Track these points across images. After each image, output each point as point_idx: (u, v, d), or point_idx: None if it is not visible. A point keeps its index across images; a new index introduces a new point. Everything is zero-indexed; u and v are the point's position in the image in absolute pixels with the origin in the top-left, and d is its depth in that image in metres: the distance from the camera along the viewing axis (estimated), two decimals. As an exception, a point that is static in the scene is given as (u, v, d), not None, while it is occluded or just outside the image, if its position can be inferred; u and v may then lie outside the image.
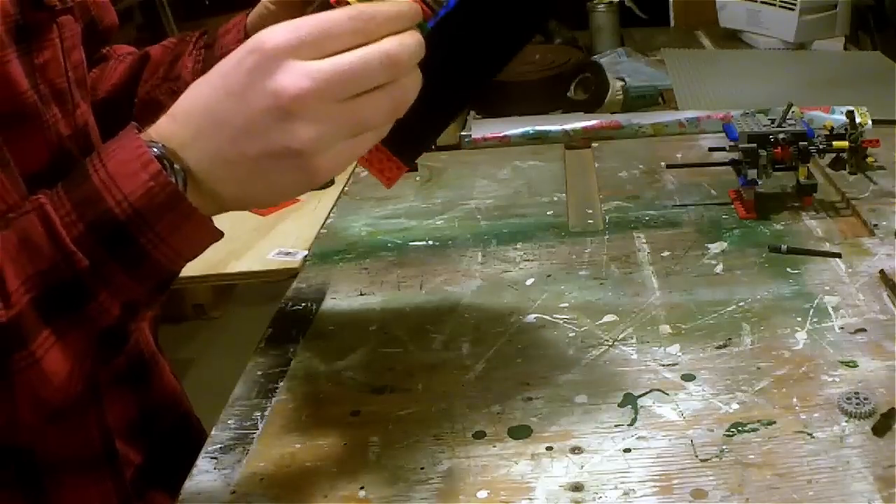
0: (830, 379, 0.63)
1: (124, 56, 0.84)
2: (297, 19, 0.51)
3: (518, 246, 0.89)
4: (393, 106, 0.51)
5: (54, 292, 0.50)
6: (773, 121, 0.92)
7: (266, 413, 0.66)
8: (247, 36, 0.74)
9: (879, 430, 0.57)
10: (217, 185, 0.51)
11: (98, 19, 0.80)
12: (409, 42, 0.51)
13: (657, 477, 0.55)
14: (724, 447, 0.57)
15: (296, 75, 0.48)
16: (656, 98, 1.36)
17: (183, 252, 0.52)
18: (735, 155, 0.93)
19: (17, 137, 0.59)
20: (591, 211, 0.96)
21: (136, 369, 0.72)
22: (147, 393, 0.73)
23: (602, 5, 1.66)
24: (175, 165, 0.50)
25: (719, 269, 0.80)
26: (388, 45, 0.50)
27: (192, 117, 0.51)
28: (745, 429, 0.59)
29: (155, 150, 0.50)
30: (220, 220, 0.93)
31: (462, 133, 1.20)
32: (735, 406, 0.61)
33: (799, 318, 0.71)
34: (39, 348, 0.50)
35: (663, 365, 0.67)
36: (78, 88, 0.66)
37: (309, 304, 0.81)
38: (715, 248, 0.84)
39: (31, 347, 0.49)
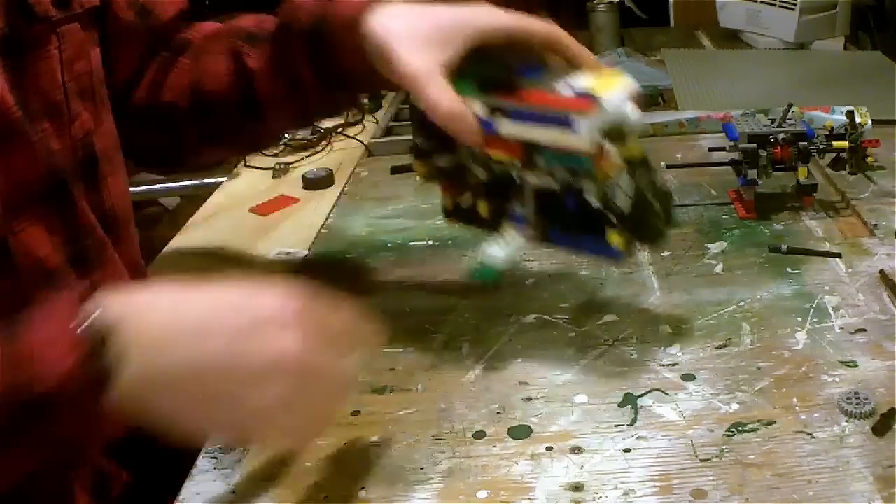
0: (830, 379, 0.63)
1: (220, 41, 0.79)
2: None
3: (518, 246, 0.88)
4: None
5: None
6: (773, 121, 0.92)
7: (266, 413, 0.66)
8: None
9: (879, 430, 0.57)
10: (147, 396, 0.48)
11: (153, 8, 0.78)
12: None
13: (657, 477, 0.55)
14: (724, 447, 0.57)
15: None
16: (656, 98, 1.36)
17: (89, 441, 0.50)
18: (735, 155, 0.93)
19: (1, 154, 0.58)
20: (591, 211, 0.96)
21: None
22: None
23: (602, 5, 1.66)
24: (109, 350, 0.46)
25: (719, 269, 0.80)
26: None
27: (163, 327, 0.48)
28: (745, 429, 0.59)
29: (89, 324, 0.47)
30: (219, 219, 0.93)
31: (462, 133, 1.20)
32: (735, 406, 0.61)
33: (799, 318, 0.71)
34: None
35: (663, 365, 0.67)
36: (80, 99, 0.65)
37: (309, 304, 0.81)
38: (715, 248, 0.84)
39: None
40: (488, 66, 0.66)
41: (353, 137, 1.27)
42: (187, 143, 0.81)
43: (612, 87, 0.62)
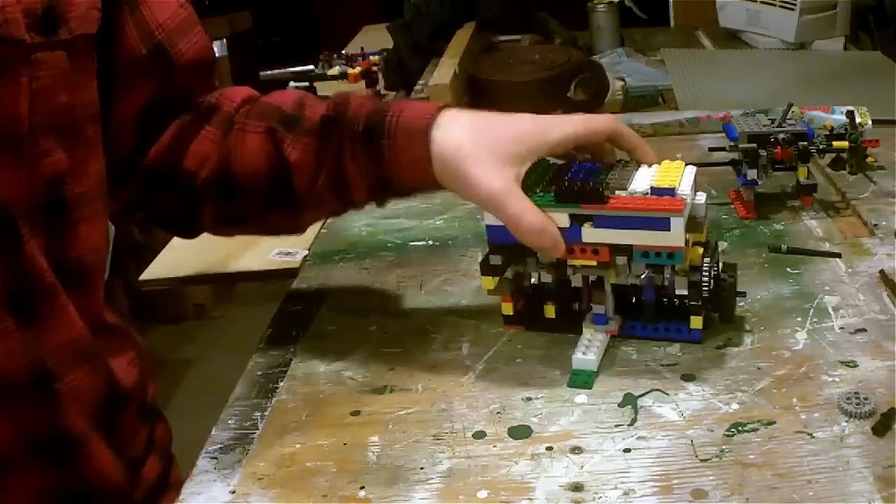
0: (830, 379, 0.63)
1: (252, 118, 0.73)
2: None
3: (518, 246, 0.88)
4: None
5: None
6: (773, 121, 0.92)
7: (266, 413, 0.66)
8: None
9: (879, 430, 0.57)
10: None
11: (170, 46, 0.71)
12: None
13: (657, 477, 0.55)
14: (724, 447, 0.57)
15: None
16: (656, 98, 1.36)
17: None
18: (735, 155, 0.93)
19: None
20: (591, 211, 0.96)
21: (54, 448, 0.63)
22: (72, 474, 0.64)
23: (602, 5, 1.66)
24: None
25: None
26: None
27: None
28: (745, 429, 0.59)
29: None
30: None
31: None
32: (735, 406, 0.61)
33: (799, 318, 0.71)
34: None
35: (663, 365, 0.67)
36: (54, 136, 0.59)
37: (309, 304, 0.81)
38: (715, 248, 0.84)
39: None
40: (548, 172, 0.68)
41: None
42: (204, 217, 0.76)
43: (679, 177, 0.65)
